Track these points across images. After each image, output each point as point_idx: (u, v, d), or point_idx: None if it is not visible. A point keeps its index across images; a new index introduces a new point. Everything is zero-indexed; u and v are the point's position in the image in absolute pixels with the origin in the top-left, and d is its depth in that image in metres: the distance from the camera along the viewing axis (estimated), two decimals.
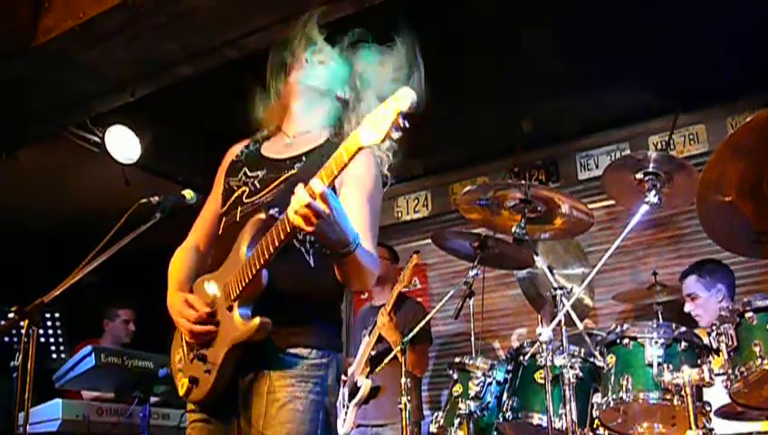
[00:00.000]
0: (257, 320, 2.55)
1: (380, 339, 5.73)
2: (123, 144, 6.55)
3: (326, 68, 3.02)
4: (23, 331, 3.05)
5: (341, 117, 3.03)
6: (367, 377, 5.71)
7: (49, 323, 6.20)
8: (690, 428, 3.25)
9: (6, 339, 5.16)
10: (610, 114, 6.80)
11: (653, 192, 3.82)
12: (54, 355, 6.23)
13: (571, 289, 4.13)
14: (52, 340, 6.24)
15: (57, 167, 6.98)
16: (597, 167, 6.96)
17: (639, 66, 5.96)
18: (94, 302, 6.97)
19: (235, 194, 2.90)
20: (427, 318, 5.31)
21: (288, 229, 2.41)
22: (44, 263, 6.07)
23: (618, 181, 4.06)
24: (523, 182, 4.35)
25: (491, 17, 5.43)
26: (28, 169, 6.73)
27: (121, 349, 5.95)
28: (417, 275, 7.54)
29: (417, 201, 7.90)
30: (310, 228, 2.34)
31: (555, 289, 4.02)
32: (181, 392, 2.79)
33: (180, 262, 3.00)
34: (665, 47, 5.64)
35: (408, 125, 2.20)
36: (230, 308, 2.63)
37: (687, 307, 5.21)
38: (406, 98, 2.17)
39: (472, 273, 4.85)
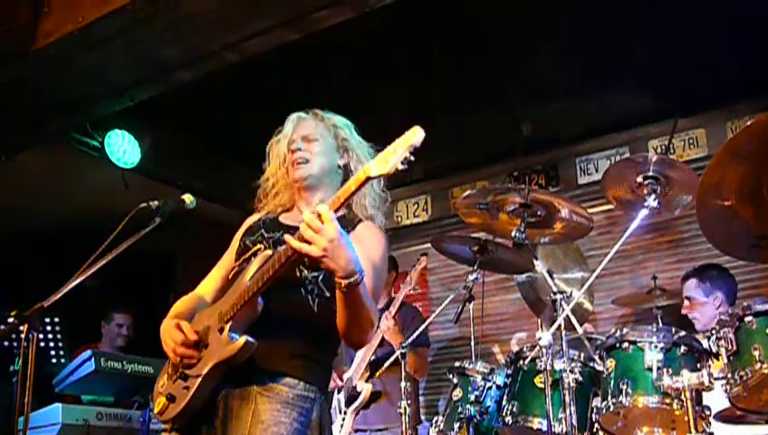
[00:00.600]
0: (243, 338, 2.57)
1: (381, 343, 5.73)
2: (123, 148, 6.56)
3: (317, 144, 3.04)
4: (22, 335, 3.05)
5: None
6: (366, 381, 5.70)
7: (49, 328, 6.20)
8: (690, 432, 3.25)
9: (6, 343, 5.16)
10: (610, 118, 6.80)
11: (653, 196, 3.83)
12: (54, 360, 6.24)
13: (571, 293, 4.15)
14: (51, 344, 6.24)
15: (57, 171, 6.99)
16: (597, 171, 6.95)
17: (639, 70, 5.97)
18: (94, 306, 6.97)
19: (251, 250, 2.92)
20: (427, 322, 5.31)
21: (288, 253, 2.46)
22: (44, 267, 6.07)
23: (617, 185, 4.06)
24: (522, 186, 4.35)
25: (491, 22, 5.43)
26: (28, 172, 6.73)
27: (121, 354, 5.95)
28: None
29: (416, 205, 7.90)
30: (316, 253, 2.37)
31: (555, 293, 4.02)
32: (156, 410, 2.79)
33: (184, 301, 3.01)
34: (664, 51, 5.64)
35: (413, 159, 2.26)
36: (221, 330, 2.65)
37: (685, 310, 5.22)
38: (416, 135, 2.25)
39: (472, 277, 4.85)
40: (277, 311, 2.67)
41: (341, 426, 5.63)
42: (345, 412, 5.63)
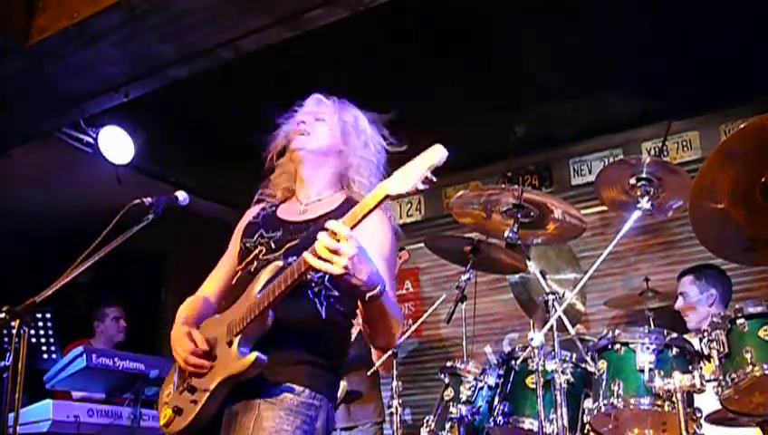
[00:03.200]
0: (254, 355, 2.54)
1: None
2: (116, 145, 6.55)
3: (321, 124, 3.02)
4: (14, 331, 3.04)
5: (347, 171, 3.03)
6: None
7: (40, 324, 6.18)
8: (681, 434, 3.25)
9: None
10: (604, 120, 6.82)
11: (646, 198, 3.83)
12: (45, 356, 6.22)
13: (563, 294, 4.15)
14: (43, 340, 6.22)
15: (50, 167, 6.97)
16: (590, 172, 6.97)
17: (634, 72, 5.97)
18: (86, 302, 6.96)
19: (252, 253, 2.89)
20: (419, 322, 5.31)
21: (301, 269, 2.43)
22: (36, 263, 6.06)
23: (611, 187, 4.07)
24: (516, 187, 4.35)
25: (486, 22, 5.43)
26: (21, 168, 6.72)
27: (112, 350, 5.94)
28: (409, 279, 7.54)
29: (410, 205, 7.90)
30: (335, 270, 2.34)
31: (547, 294, 4.02)
32: (162, 422, 2.76)
33: (190, 305, 2.99)
34: (659, 53, 5.65)
35: (435, 179, 2.29)
36: (230, 343, 2.62)
37: (678, 305, 5.22)
38: (438, 154, 2.29)
39: (464, 277, 4.85)
40: (284, 320, 2.63)
41: None
42: None
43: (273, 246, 2.85)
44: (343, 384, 5.68)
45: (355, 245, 2.34)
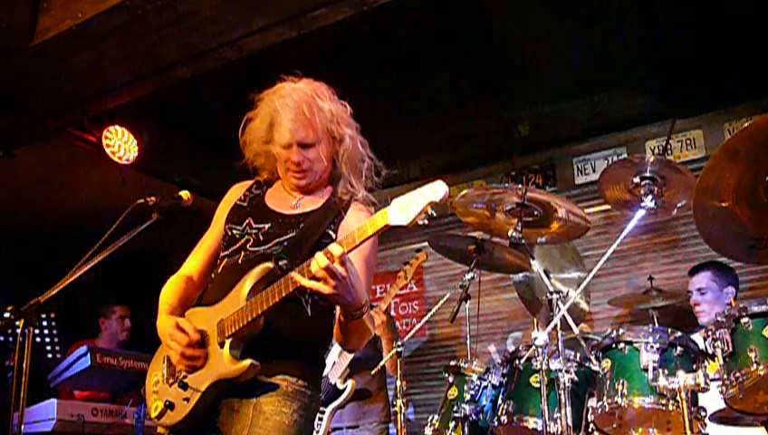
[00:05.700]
0: (248, 362, 2.59)
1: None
2: (120, 145, 6.56)
3: (313, 150, 2.91)
4: (18, 330, 3.04)
5: (335, 162, 3.02)
6: (347, 379, 5.70)
7: (45, 323, 6.20)
8: (685, 433, 3.25)
9: (2, 338, 5.16)
10: (608, 119, 6.81)
11: (650, 197, 3.83)
12: (50, 355, 6.23)
13: (567, 293, 4.14)
14: (47, 340, 6.24)
15: (54, 166, 6.98)
16: (594, 171, 6.97)
17: (638, 71, 5.97)
18: (90, 302, 6.97)
19: (239, 242, 2.90)
20: (423, 321, 5.31)
21: (296, 285, 2.47)
22: (41, 263, 6.06)
23: (614, 186, 4.07)
24: (519, 186, 4.34)
25: (489, 21, 5.43)
26: (25, 168, 6.73)
27: (117, 350, 5.95)
28: (413, 278, 7.54)
29: None
30: (327, 290, 2.41)
31: (551, 293, 4.02)
32: (153, 414, 2.79)
33: (173, 288, 2.99)
34: (663, 52, 5.65)
35: (435, 214, 2.29)
36: (221, 344, 2.65)
37: (694, 300, 5.19)
38: (439, 191, 2.27)
39: (468, 276, 4.85)
40: (274, 321, 2.67)
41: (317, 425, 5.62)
42: (324, 412, 5.63)
43: (261, 238, 2.86)
44: (352, 383, 5.67)
45: (348, 268, 2.41)
